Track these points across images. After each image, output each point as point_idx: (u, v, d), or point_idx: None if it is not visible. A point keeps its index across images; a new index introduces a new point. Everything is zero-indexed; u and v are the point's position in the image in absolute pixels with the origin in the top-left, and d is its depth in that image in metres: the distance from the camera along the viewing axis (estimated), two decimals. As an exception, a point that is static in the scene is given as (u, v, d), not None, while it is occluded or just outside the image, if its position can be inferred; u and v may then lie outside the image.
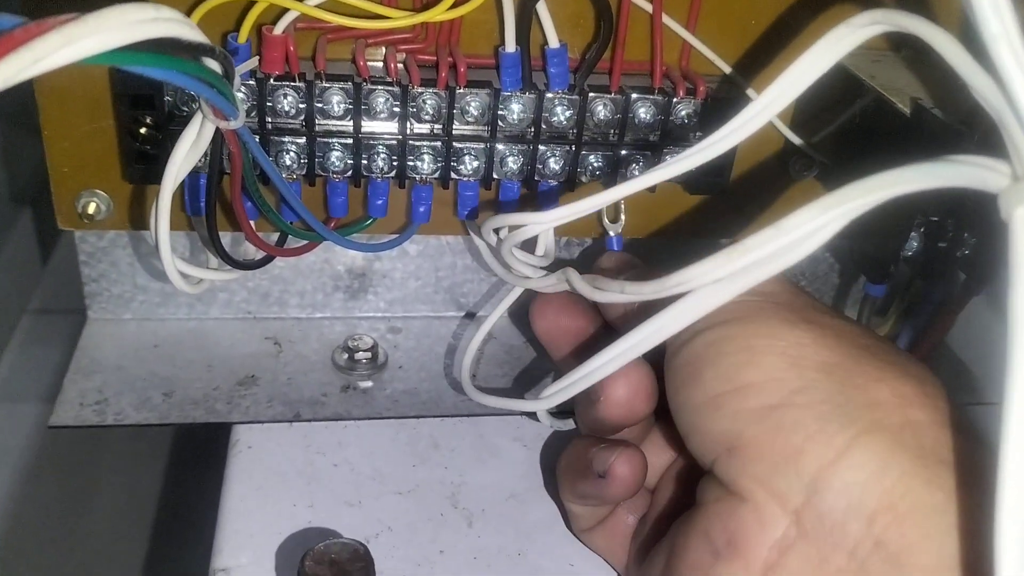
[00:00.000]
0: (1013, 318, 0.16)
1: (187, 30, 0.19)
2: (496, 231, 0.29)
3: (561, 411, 0.30)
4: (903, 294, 0.36)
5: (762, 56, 0.33)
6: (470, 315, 0.39)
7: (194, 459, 0.41)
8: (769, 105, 0.21)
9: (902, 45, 0.33)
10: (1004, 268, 0.17)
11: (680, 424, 0.24)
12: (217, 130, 0.24)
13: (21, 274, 0.50)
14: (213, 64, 0.20)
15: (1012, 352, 0.16)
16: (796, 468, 0.21)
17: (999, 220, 0.17)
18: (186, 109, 0.29)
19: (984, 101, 0.17)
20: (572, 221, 0.25)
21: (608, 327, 0.29)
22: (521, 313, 0.34)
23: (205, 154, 0.25)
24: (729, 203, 0.35)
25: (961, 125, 0.26)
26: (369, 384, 0.35)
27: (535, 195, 0.33)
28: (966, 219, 0.28)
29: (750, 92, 0.32)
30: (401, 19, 0.28)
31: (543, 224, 0.26)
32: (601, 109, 0.31)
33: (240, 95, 0.28)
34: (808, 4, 0.32)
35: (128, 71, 0.18)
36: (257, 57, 0.28)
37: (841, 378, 0.22)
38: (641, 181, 0.23)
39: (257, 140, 0.29)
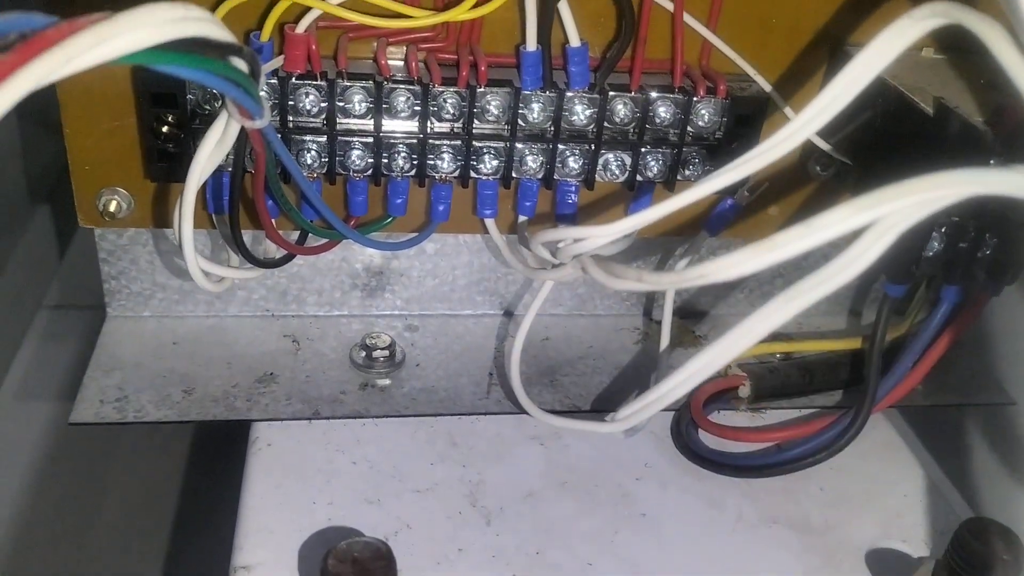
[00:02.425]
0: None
1: (216, 29, 0.19)
2: (550, 245, 0.29)
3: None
4: (921, 295, 0.36)
5: (783, 54, 0.32)
6: (487, 314, 0.39)
7: (214, 455, 0.42)
8: (822, 111, 0.21)
9: (923, 44, 0.33)
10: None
11: None
12: (241, 129, 0.24)
13: (38, 269, 0.50)
14: (241, 64, 0.20)
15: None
16: None
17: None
18: (208, 107, 0.29)
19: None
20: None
21: None
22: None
23: (229, 153, 0.25)
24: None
25: (986, 125, 0.26)
26: (387, 382, 0.35)
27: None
28: (988, 220, 0.28)
29: (788, 111, 0.32)
30: (423, 18, 0.28)
31: (603, 237, 0.26)
32: (621, 108, 0.31)
33: (262, 91, 0.28)
34: (826, 2, 0.32)
35: (157, 70, 0.18)
36: (282, 56, 0.28)
37: None
38: (698, 191, 0.23)
39: (276, 133, 0.29)
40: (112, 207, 0.32)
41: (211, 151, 0.24)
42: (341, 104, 0.30)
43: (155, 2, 0.17)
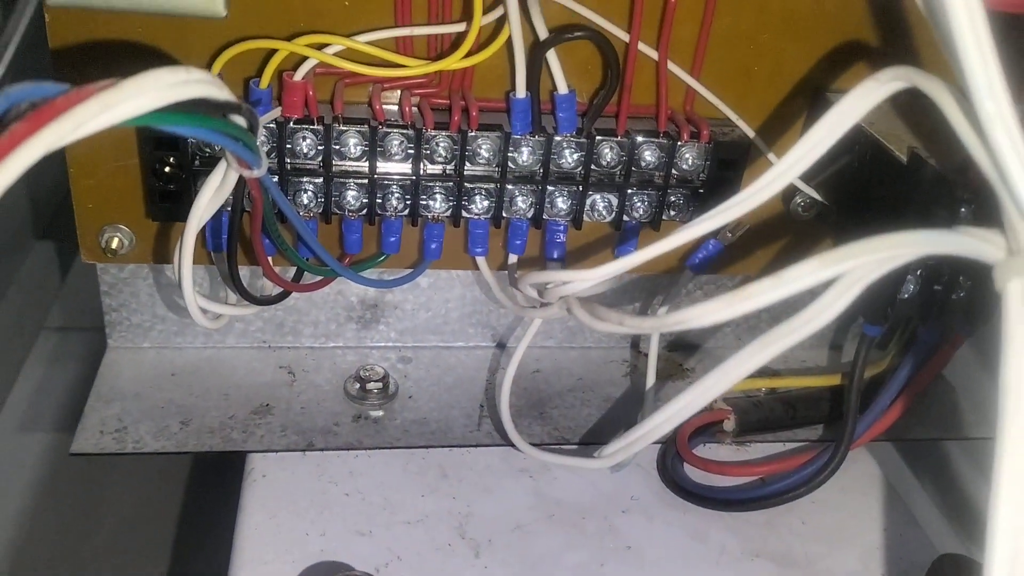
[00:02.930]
0: (1004, 387, 0.17)
1: (216, 90, 0.20)
2: (537, 286, 0.30)
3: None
4: (902, 330, 0.37)
5: (764, 101, 0.34)
6: (479, 346, 0.40)
7: (210, 484, 0.42)
8: (799, 160, 0.22)
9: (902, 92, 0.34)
10: (996, 324, 0.18)
11: None
12: (240, 176, 0.25)
13: (38, 294, 0.51)
14: (240, 119, 0.21)
15: (1003, 421, 0.16)
16: None
17: (992, 290, 0.17)
18: (208, 150, 0.30)
19: (986, 174, 0.18)
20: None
21: None
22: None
23: (228, 197, 0.26)
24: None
25: (955, 175, 0.27)
26: (380, 413, 0.36)
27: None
28: (962, 264, 0.29)
29: (773, 159, 0.33)
30: (417, 67, 0.30)
31: (587, 282, 0.27)
32: (608, 152, 0.32)
33: (260, 139, 0.29)
34: (806, 51, 0.33)
35: (162, 129, 0.19)
36: (280, 107, 0.29)
37: None
38: (681, 236, 0.24)
39: (276, 180, 0.30)
40: (114, 244, 0.33)
41: (211, 197, 0.25)
42: (337, 147, 0.31)
43: (158, 68, 0.18)
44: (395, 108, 0.32)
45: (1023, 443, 0.17)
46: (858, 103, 0.22)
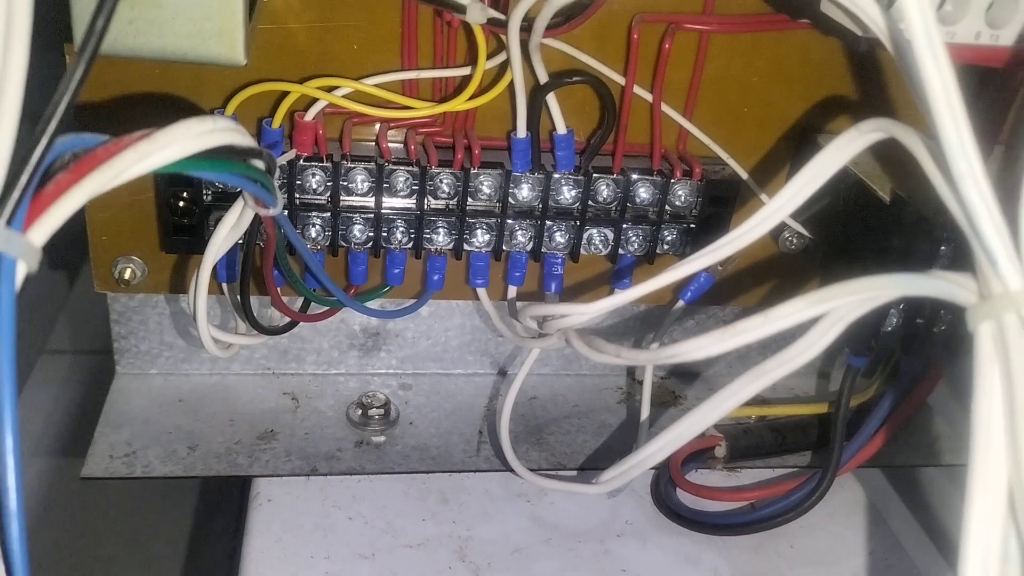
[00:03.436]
0: (975, 422, 0.18)
1: (240, 137, 0.21)
2: (537, 318, 0.31)
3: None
4: (886, 361, 0.38)
5: (754, 140, 0.35)
6: (477, 373, 0.41)
7: (217, 507, 0.43)
8: (785, 204, 0.23)
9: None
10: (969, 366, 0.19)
11: None
12: (255, 214, 0.26)
13: (40, 318, 0.52)
14: (260, 164, 0.22)
15: (974, 454, 0.18)
16: None
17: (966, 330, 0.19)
18: (220, 186, 0.31)
19: (959, 223, 0.19)
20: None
21: None
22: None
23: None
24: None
25: (935, 215, 0.29)
26: (382, 439, 0.37)
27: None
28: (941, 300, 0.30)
29: (763, 197, 0.35)
30: (424, 109, 0.31)
31: (585, 315, 0.28)
32: (604, 189, 0.34)
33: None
34: (793, 95, 0.34)
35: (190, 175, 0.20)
36: (294, 149, 0.30)
37: None
38: (674, 274, 0.26)
39: (286, 214, 0.32)
40: (127, 274, 0.34)
41: (227, 233, 0.27)
42: (345, 183, 0.32)
43: (189, 119, 0.19)
44: (400, 146, 0.33)
45: (991, 473, 0.18)
46: (841, 151, 0.23)
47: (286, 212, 0.32)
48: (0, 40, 0.15)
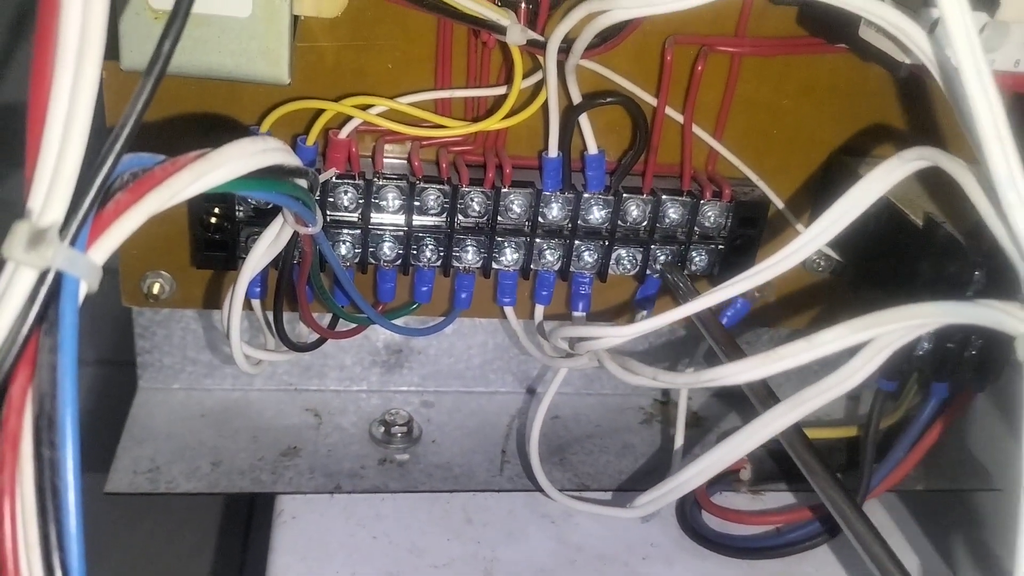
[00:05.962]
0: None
1: (288, 156, 0.21)
2: (570, 340, 0.31)
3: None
4: (916, 384, 0.38)
5: (783, 162, 0.35)
6: (499, 391, 0.41)
7: (240, 524, 0.43)
8: (825, 230, 0.23)
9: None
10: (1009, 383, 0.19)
11: None
12: (294, 232, 0.26)
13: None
14: (304, 183, 0.22)
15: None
16: None
17: (1014, 359, 0.19)
18: (252, 201, 0.31)
19: (1007, 253, 0.19)
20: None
21: None
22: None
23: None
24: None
25: (969, 239, 0.29)
26: (405, 457, 0.37)
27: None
28: (975, 325, 0.30)
29: (799, 226, 0.35)
30: (457, 128, 0.31)
31: (620, 338, 0.28)
32: (634, 209, 0.34)
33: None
34: (823, 117, 0.34)
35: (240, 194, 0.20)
36: (334, 168, 0.30)
37: None
38: (710, 299, 0.26)
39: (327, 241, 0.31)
40: (155, 289, 0.34)
41: (264, 251, 0.26)
42: (376, 201, 0.32)
43: (241, 139, 0.19)
44: (432, 164, 0.33)
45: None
46: (883, 179, 0.23)
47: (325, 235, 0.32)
48: (71, 64, 0.15)
